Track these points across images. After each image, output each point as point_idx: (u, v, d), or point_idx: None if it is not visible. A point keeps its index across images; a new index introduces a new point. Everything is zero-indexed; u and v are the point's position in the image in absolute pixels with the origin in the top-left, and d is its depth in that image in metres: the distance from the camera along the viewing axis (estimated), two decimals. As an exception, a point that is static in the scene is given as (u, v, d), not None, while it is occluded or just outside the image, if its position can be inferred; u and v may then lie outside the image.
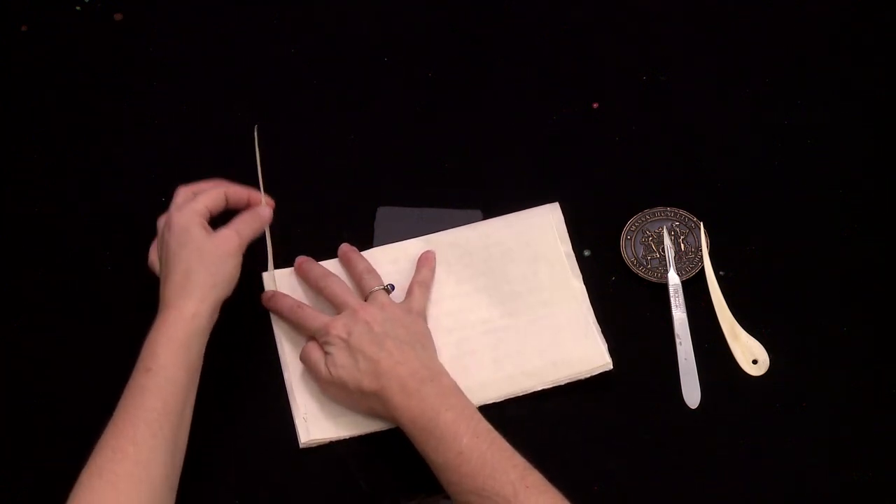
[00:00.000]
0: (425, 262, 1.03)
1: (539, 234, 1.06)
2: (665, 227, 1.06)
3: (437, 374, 0.93)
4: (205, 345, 0.93)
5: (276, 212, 1.08)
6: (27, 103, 1.17)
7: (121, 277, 1.07)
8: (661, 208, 1.07)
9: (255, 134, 1.02)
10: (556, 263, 1.04)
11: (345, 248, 1.04)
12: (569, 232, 1.06)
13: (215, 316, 0.94)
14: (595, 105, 1.14)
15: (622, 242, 1.06)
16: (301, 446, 0.98)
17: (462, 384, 0.97)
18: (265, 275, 1.05)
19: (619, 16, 1.18)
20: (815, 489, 0.95)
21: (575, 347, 0.99)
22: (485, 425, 0.89)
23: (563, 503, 0.85)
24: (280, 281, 1.05)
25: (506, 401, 0.99)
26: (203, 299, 0.92)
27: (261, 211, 1.00)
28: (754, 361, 1.01)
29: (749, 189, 1.09)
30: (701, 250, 1.05)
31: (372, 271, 1.02)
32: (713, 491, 0.95)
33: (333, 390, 0.96)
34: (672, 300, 1.03)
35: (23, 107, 1.16)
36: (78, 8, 1.21)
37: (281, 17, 1.20)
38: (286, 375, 1.01)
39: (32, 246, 1.09)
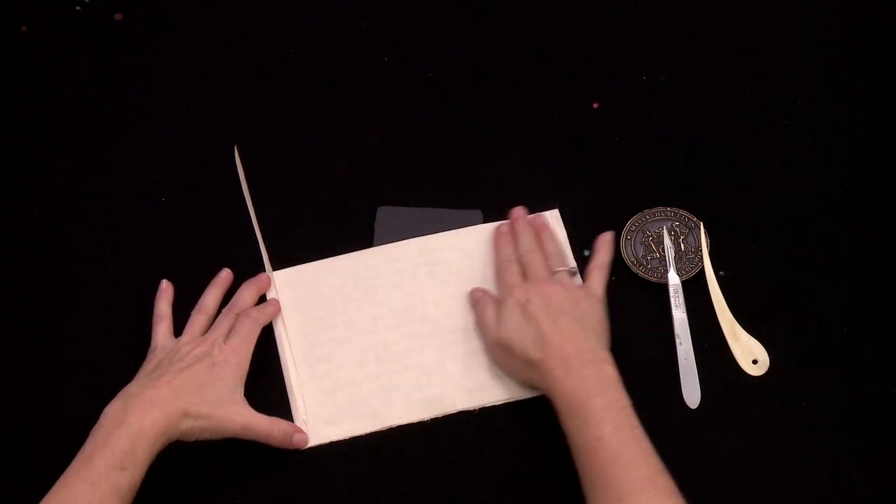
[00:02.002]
0: (603, 245, 1.03)
1: None
2: (665, 227, 1.06)
3: (602, 360, 0.93)
4: None
5: (276, 212, 1.08)
6: (27, 103, 1.17)
7: (121, 277, 1.07)
8: (661, 208, 1.07)
9: (236, 154, 1.03)
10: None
11: (525, 219, 1.05)
12: (568, 232, 1.06)
13: None
14: (595, 105, 1.14)
15: (622, 242, 1.06)
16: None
17: (466, 384, 0.97)
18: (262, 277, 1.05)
19: (619, 16, 1.18)
20: (815, 489, 0.95)
21: None
22: (632, 420, 0.89)
23: None
24: (279, 281, 1.05)
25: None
26: (194, 420, 0.91)
27: (296, 440, 0.97)
28: (754, 361, 1.01)
29: (749, 189, 1.09)
30: (701, 250, 1.05)
31: (560, 253, 1.03)
32: (713, 491, 0.95)
33: (498, 351, 0.97)
34: (672, 300, 1.03)
35: (23, 107, 1.17)
36: (78, 8, 1.21)
37: (281, 17, 1.20)
38: (287, 377, 1.01)
39: (32, 246, 1.09)
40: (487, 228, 1.06)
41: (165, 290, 1.03)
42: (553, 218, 1.07)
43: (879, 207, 1.07)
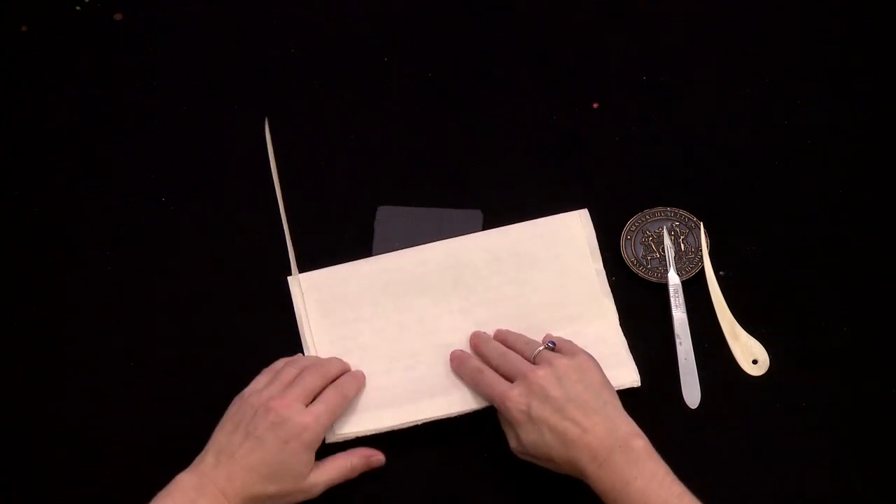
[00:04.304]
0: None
1: (568, 248, 1.05)
2: (665, 227, 1.06)
3: (627, 436, 0.89)
4: None
5: (276, 212, 1.08)
6: (27, 103, 1.17)
7: (121, 277, 1.07)
8: (661, 208, 1.07)
9: (266, 125, 1.02)
10: (586, 279, 1.03)
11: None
12: (569, 232, 1.06)
13: None
14: (595, 105, 1.14)
15: (622, 242, 1.06)
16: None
17: None
18: (290, 279, 1.05)
19: (619, 16, 1.18)
20: (815, 489, 0.95)
21: (602, 363, 0.96)
22: (676, 489, 0.87)
23: None
24: (305, 284, 1.04)
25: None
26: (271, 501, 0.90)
27: (354, 467, 0.95)
28: (754, 361, 1.01)
29: (749, 189, 1.09)
30: (701, 250, 1.05)
31: (528, 340, 0.98)
32: (713, 491, 0.94)
33: (528, 458, 0.93)
34: (672, 300, 1.03)
35: (23, 107, 1.16)
36: (78, 8, 1.21)
37: (281, 17, 1.20)
38: None
39: (32, 246, 1.09)
40: (514, 230, 1.06)
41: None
42: (582, 219, 1.05)
43: (879, 207, 1.07)
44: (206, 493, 0.88)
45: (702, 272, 1.04)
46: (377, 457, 0.96)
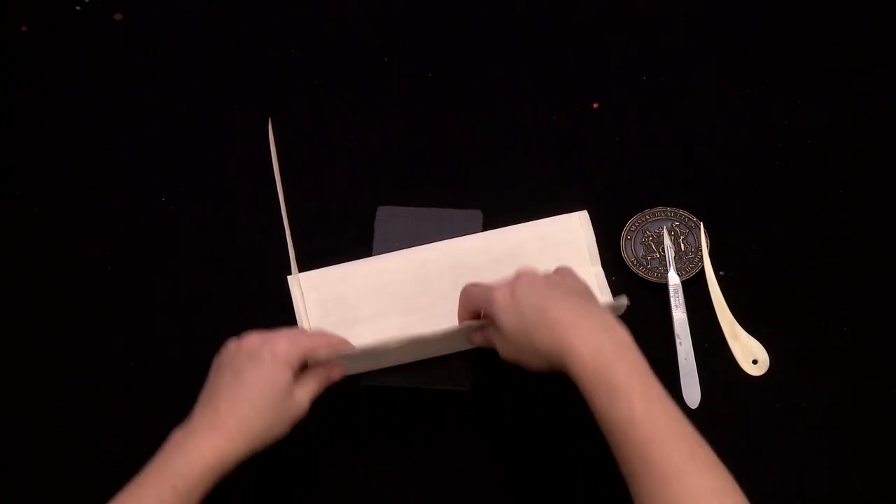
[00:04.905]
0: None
1: (568, 250, 1.05)
2: (665, 227, 1.06)
3: (612, 325, 0.87)
4: None
5: (276, 212, 1.08)
6: (27, 103, 1.17)
7: (121, 277, 1.07)
8: (661, 208, 1.07)
9: (269, 126, 1.02)
10: (586, 280, 1.03)
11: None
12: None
13: None
14: (595, 105, 1.14)
15: (622, 242, 1.06)
16: None
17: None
18: (290, 279, 1.04)
19: (619, 16, 1.18)
20: (815, 489, 0.95)
21: None
22: (657, 388, 0.85)
23: (730, 484, 0.82)
24: (305, 283, 1.04)
25: (505, 400, 0.99)
26: (253, 444, 0.89)
27: (333, 377, 0.95)
28: (754, 361, 1.01)
29: (749, 189, 1.09)
30: (701, 250, 1.05)
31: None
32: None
33: (513, 357, 0.92)
34: (672, 300, 1.03)
35: (23, 107, 1.17)
36: (78, 8, 1.21)
37: (281, 17, 1.20)
38: None
39: (32, 246, 1.09)
40: (514, 231, 1.06)
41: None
42: (581, 221, 1.05)
43: (879, 207, 1.07)
44: (197, 434, 0.88)
45: (702, 272, 1.04)
46: (344, 345, 0.95)
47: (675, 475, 0.81)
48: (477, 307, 0.94)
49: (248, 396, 0.89)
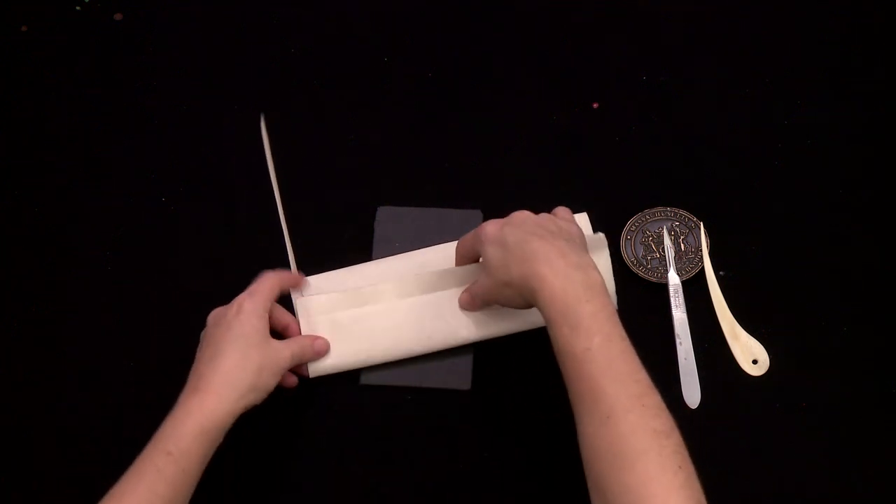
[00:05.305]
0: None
1: None
2: (665, 227, 1.06)
3: (587, 266, 0.89)
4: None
5: (276, 212, 1.08)
6: (27, 103, 1.17)
7: (121, 277, 1.07)
8: (661, 208, 1.07)
9: (262, 123, 1.03)
10: None
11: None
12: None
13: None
14: (595, 105, 1.14)
15: (622, 242, 1.06)
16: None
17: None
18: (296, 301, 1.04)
19: (619, 16, 1.18)
20: (815, 489, 0.95)
21: None
22: (619, 331, 0.86)
23: (674, 431, 0.83)
24: (306, 288, 1.04)
25: (505, 399, 0.99)
26: (242, 398, 0.91)
27: (317, 346, 0.99)
28: (754, 361, 1.01)
29: (749, 189, 1.09)
30: (701, 250, 1.05)
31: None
32: (713, 491, 0.94)
33: (488, 296, 0.95)
34: (672, 300, 1.03)
35: (23, 107, 1.17)
36: (78, 8, 1.21)
37: (281, 17, 1.20)
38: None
39: (32, 246, 1.09)
40: None
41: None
42: (581, 221, 1.05)
43: (879, 207, 1.07)
44: (185, 402, 0.89)
45: (702, 272, 1.04)
46: (319, 341, 0.99)
47: (622, 412, 0.82)
48: (470, 250, 0.97)
49: (226, 352, 0.92)
